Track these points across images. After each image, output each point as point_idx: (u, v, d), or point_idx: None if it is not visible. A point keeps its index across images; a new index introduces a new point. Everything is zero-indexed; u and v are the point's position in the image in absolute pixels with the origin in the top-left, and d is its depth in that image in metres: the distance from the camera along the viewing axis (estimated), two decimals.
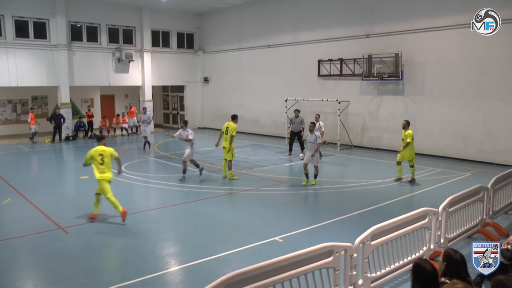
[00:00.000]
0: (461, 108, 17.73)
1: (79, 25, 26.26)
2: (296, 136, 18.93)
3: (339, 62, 21.82)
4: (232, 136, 14.25)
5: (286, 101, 23.13)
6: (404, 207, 10.24)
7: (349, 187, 13.52)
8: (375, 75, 19.75)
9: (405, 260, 6.74)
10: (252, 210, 11.28)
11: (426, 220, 7.09)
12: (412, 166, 13.72)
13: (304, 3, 23.42)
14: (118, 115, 28.47)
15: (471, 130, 17.54)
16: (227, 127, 14.45)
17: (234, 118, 14.77)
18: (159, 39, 29.62)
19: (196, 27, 31.00)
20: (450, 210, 7.62)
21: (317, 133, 13.48)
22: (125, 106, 29.68)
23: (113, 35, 27.55)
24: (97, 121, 27.87)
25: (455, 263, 4.42)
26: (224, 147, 14.47)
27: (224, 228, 9.85)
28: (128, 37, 28.22)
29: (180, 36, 30.57)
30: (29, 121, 23.75)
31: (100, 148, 10.18)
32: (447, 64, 17.97)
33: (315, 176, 13.57)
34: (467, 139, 17.70)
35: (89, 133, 26.16)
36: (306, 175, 13.60)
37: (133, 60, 27.80)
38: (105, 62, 27.11)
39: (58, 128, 24.13)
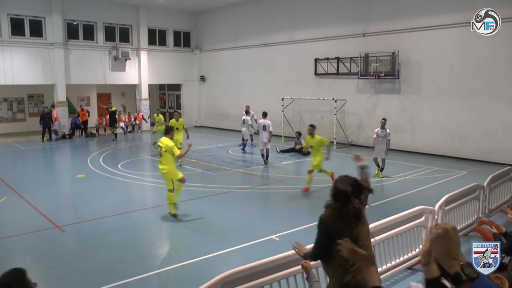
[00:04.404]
0: (458, 107, 17.77)
1: (75, 23, 26.18)
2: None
3: (335, 60, 21.82)
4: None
5: (282, 99, 23.14)
6: (401, 206, 10.24)
7: None
8: (371, 73, 19.76)
9: (402, 258, 6.75)
10: (249, 208, 11.28)
11: (423, 218, 7.11)
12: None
13: (300, 2, 23.41)
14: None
15: (468, 128, 17.58)
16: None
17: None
18: (156, 38, 29.56)
19: (193, 25, 30.94)
20: (446, 208, 7.64)
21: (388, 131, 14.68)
22: (121, 105, 29.59)
23: (109, 34, 27.48)
24: (93, 120, 27.76)
25: None
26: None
27: (220, 227, 9.83)
28: (125, 36, 28.15)
29: (176, 34, 30.52)
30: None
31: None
32: (444, 63, 18.00)
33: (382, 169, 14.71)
34: (464, 138, 17.74)
35: (84, 132, 26.00)
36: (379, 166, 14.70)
37: (130, 59, 27.75)
38: (102, 61, 27.03)
39: (47, 127, 23.94)
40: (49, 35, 24.92)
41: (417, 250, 7.06)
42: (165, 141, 10.09)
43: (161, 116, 23.41)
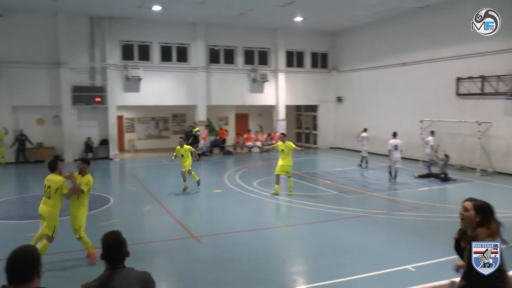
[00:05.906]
0: None
1: (217, 49, 27.76)
2: None
3: (480, 79, 20.22)
4: None
5: (421, 121, 22.00)
6: None
7: None
8: None
9: None
10: (383, 234, 10.77)
11: None
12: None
13: (440, 17, 22.08)
14: (249, 130, 29.45)
15: None
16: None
17: None
18: (293, 59, 30.09)
19: (329, 46, 30.93)
20: None
21: None
22: (258, 125, 30.55)
23: (248, 57, 28.64)
24: (231, 138, 29.13)
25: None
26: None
27: (353, 251, 9.49)
28: (263, 58, 29.11)
29: (314, 55, 30.73)
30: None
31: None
32: None
33: None
34: None
35: (222, 150, 27.46)
36: None
37: (268, 81, 28.56)
38: (241, 83, 28.24)
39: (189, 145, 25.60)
40: (193, 60, 26.79)
41: None
42: (54, 178, 8.25)
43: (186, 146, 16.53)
